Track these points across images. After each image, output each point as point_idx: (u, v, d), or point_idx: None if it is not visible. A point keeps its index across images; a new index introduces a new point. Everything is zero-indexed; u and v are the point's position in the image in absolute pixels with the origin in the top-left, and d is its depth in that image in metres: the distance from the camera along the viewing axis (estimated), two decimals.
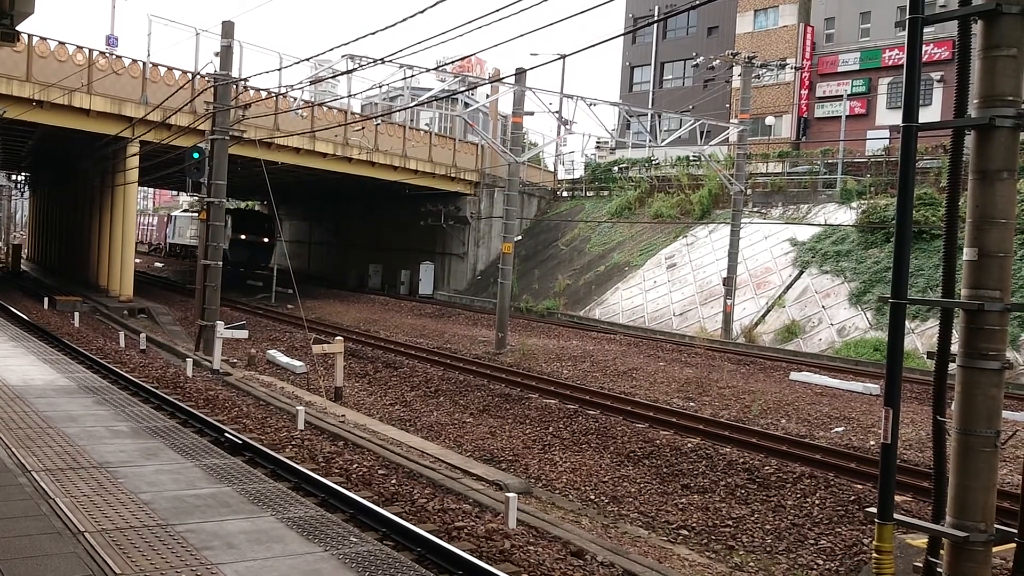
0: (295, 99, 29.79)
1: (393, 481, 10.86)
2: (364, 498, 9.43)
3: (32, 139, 36.33)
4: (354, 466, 11.39)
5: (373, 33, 14.39)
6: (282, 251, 49.53)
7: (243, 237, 49.37)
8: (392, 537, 8.39)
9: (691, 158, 42.06)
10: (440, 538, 8.32)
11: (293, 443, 12.45)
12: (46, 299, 30.38)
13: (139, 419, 10.66)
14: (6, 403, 10.78)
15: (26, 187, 63.09)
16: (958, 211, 5.84)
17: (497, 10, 11.36)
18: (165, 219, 74.40)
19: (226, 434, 12.05)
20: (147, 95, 29.54)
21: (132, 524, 6.62)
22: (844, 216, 32.40)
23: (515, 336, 27.01)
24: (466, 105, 45.82)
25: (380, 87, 28.45)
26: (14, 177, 62.15)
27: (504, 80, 27.89)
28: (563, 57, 18.55)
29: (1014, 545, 5.78)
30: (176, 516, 6.90)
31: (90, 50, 29.08)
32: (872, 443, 14.46)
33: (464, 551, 7.97)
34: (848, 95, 43.41)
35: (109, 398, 11.89)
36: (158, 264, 62.89)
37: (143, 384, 15.48)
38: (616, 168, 47.81)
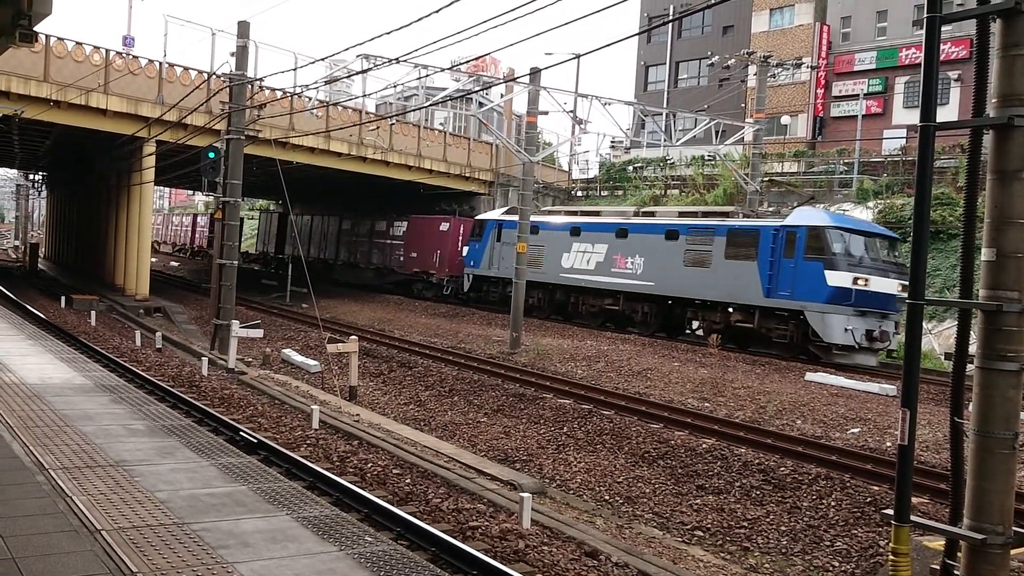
0: (310, 99, 29.90)
1: (407, 481, 10.88)
2: (379, 497, 9.45)
3: (49, 139, 36.62)
4: (369, 465, 11.42)
5: (388, 33, 14.40)
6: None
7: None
8: (407, 536, 8.40)
9: (706, 158, 41.94)
10: (455, 538, 8.33)
11: (308, 442, 12.49)
12: (63, 298, 30.61)
13: (155, 418, 10.71)
14: (24, 401, 10.86)
15: (43, 186, 63.58)
16: (976, 211, 5.80)
17: (512, 10, 11.36)
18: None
19: (241, 433, 12.10)
20: (163, 95, 29.70)
21: (148, 522, 6.65)
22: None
23: (529, 336, 26.98)
24: (480, 105, 45.90)
25: (395, 87, 28.50)
26: (31, 176, 62.64)
27: (519, 80, 27.89)
28: (578, 57, 18.53)
29: None
30: (192, 514, 6.93)
31: (107, 50, 29.26)
32: (889, 444, 14.36)
33: (479, 551, 7.97)
34: (864, 94, 43.15)
35: (125, 396, 11.96)
36: (174, 263, 63.21)
37: (159, 383, 15.57)
38: (631, 167, 47.71)
